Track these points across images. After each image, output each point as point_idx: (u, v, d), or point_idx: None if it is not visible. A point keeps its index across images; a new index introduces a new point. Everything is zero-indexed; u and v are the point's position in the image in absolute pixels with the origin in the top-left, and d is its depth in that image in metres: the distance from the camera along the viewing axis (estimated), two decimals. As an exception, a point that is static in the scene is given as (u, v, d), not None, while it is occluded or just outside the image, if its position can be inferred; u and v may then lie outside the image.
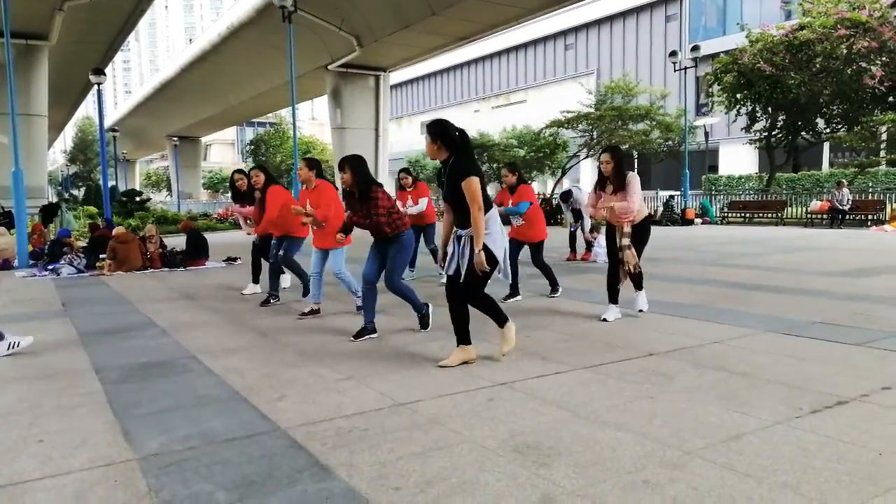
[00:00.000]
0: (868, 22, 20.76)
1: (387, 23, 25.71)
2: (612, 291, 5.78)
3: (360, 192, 5.15)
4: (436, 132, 4.19)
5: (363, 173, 5.21)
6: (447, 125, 4.23)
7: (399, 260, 5.19)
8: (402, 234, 5.18)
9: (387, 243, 5.18)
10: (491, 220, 4.18)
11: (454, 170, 4.15)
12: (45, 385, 4.07)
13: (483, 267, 4.08)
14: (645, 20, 44.91)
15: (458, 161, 4.16)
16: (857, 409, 3.27)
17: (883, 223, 17.16)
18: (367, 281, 5.23)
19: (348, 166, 5.18)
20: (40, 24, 21.87)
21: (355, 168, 5.18)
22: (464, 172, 4.09)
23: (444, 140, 4.18)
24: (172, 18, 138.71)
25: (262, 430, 3.16)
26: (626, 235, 5.59)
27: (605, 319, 5.65)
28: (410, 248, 5.34)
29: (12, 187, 12.21)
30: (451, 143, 4.17)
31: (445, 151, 4.20)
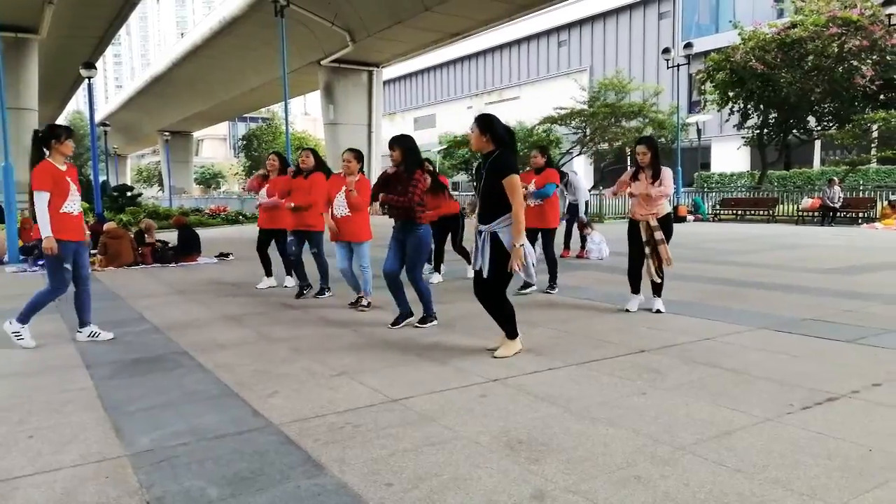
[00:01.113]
0: (859, 20, 20.86)
1: (380, 18, 25.64)
2: (633, 282, 5.89)
3: (407, 169, 5.19)
4: (484, 126, 4.30)
5: (415, 153, 5.29)
6: (495, 120, 4.34)
7: (419, 252, 5.27)
8: (422, 225, 5.26)
9: (406, 231, 5.23)
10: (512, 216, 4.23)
11: (497, 164, 4.24)
12: (35, 381, 4.05)
13: (521, 262, 4.14)
14: (638, 17, 44.95)
15: (502, 157, 4.26)
16: (847, 406, 3.29)
17: (874, 221, 17.26)
18: (388, 275, 5.30)
19: (398, 145, 5.24)
20: (30, 17, 21.68)
21: (406, 147, 5.24)
22: (508, 168, 4.19)
23: (492, 134, 4.28)
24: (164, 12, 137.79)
25: (253, 427, 3.15)
26: (656, 229, 5.65)
27: (629, 310, 5.79)
28: (428, 242, 5.41)
29: (2, 182, 12.10)
30: (499, 138, 4.28)
31: (492, 145, 4.30)
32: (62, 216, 4.79)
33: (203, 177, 73.22)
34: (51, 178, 4.73)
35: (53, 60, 28.73)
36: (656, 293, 5.86)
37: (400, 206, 5.18)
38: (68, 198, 4.84)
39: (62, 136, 4.86)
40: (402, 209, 5.20)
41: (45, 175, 4.73)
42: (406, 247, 5.28)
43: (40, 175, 4.72)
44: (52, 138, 4.83)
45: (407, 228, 5.25)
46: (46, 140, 4.84)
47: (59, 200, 4.78)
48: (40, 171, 4.74)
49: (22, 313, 4.96)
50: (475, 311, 4.44)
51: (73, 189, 4.89)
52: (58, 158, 4.88)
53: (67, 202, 4.84)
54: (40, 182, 4.71)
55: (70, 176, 4.92)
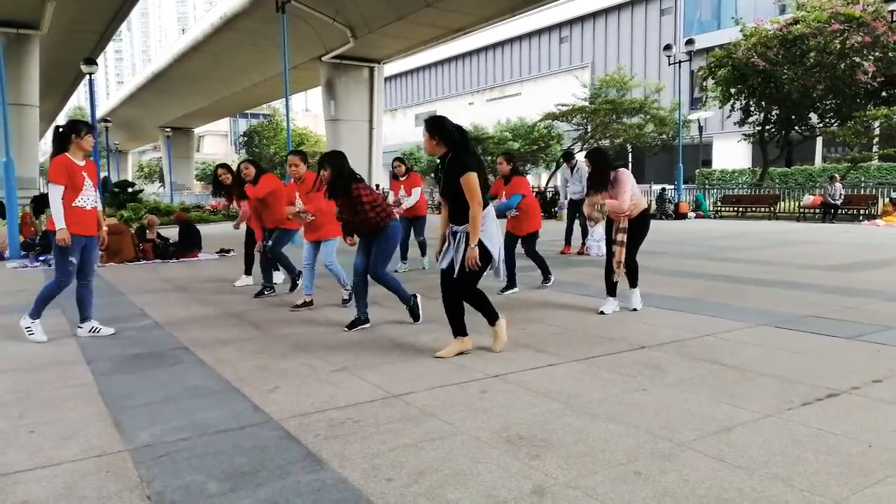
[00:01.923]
0: (862, 17, 20.79)
1: (381, 14, 25.57)
2: (609, 284, 5.79)
3: (340, 189, 5.11)
4: (433, 128, 4.21)
5: (343, 170, 5.16)
6: (444, 121, 4.26)
7: (384, 250, 5.18)
8: (388, 224, 5.17)
9: (373, 234, 5.17)
10: (487, 217, 4.20)
11: (452, 165, 4.16)
12: (36, 376, 4.05)
13: (476, 262, 4.09)
14: (640, 13, 44.84)
15: (456, 156, 4.18)
16: (847, 402, 3.29)
17: (875, 218, 17.24)
18: (359, 272, 5.24)
19: (328, 163, 5.15)
20: (31, 12, 21.65)
21: (335, 164, 5.15)
22: (463, 167, 4.10)
23: (441, 136, 4.20)
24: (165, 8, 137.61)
25: (254, 422, 3.15)
26: (621, 231, 5.61)
27: (603, 312, 5.66)
28: (396, 238, 5.33)
29: (4, 178, 12.11)
30: (449, 138, 4.19)
31: (443, 147, 4.22)
32: (74, 210, 4.85)
33: (204, 173, 73.18)
34: (66, 172, 4.80)
35: (54, 56, 28.70)
36: (632, 284, 5.79)
37: (359, 225, 5.13)
38: (82, 192, 4.90)
39: (82, 132, 4.94)
40: (361, 227, 5.14)
41: (61, 168, 4.79)
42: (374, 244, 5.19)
43: (56, 168, 4.80)
44: (73, 133, 4.90)
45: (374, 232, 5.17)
46: (67, 135, 4.91)
47: (72, 194, 4.85)
48: (57, 164, 4.82)
49: (33, 308, 5.03)
50: (474, 308, 4.43)
51: (89, 184, 4.96)
52: (77, 153, 4.94)
53: (81, 196, 4.89)
54: (55, 175, 4.79)
55: (87, 171, 4.98)
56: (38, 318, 5.04)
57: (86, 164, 4.99)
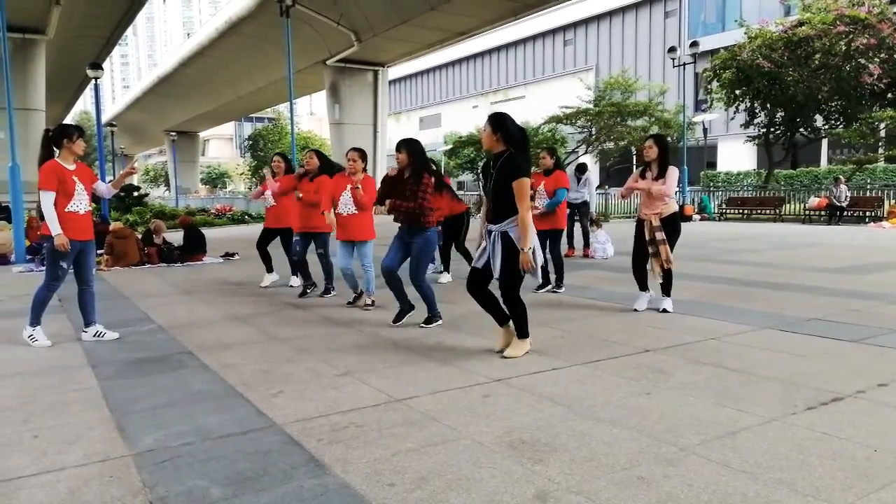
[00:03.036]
0: (867, 19, 20.74)
1: (385, 18, 25.63)
2: (639, 279, 5.86)
3: (414, 173, 5.19)
4: (497, 124, 4.23)
5: (422, 156, 5.29)
6: (509, 119, 4.28)
7: (424, 255, 5.28)
8: (431, 228, 5.27)
9: (413, 234, 5.23)
10: None
11: (507, 165, 4.17)
12: (40, 380, 4.06)
13: (529, 265, 4.13)
14: (644, 16, 44.84)
15: (513, 158, 4.19)
16: (852, 406, 3.27)
17: (881, 220, 17.16)
18: (387, 271, 5.30)
19: (406, 148, 5.25)
20: (37, 17, 21.77)
21: (413, 150, 5.25)
22: (518, 171, 4.13)
23: (503, 133, 4.22)
24: (170, 13, 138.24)
25: (257, 426, 3.16)
26: (658, 229, 5.62)
27: (637, 309, 5.76)
28: (434, 245, 5.42)
29: (9, 182, 12.16)
30: (510, 137, 4.21)
31: (502, 145, 4.24)
32: (67, 215, 4.83)
33: (209, 176, 73.46)
34: (56, 178, 4.77)
35: (60, 61, 28.85)
36: (665, 292, 5.82)
37: (408, 211, 5.17)
38: (74, 197, 4.86)
39: (74, 136, 4.91)
40: (410, 214, 5.19)
41: (51, 174, 4.76)
42: (411, 248, 5.27)
43: (46, 174, 4.77)
44: (64, 137, 4.87)
45: (414, 231, 5.25)
46: (58, 139, 4.88)
47: (64, 200, 4.82)
48: (46, 170, 4.78)
49: (31, 316, 5.03)
50: (479, 311, 4.44)
51: (81, 189, 4.91)
52: (67, 158, 4.91)
53: (73, 202, 4.86)
54: (46, 181, 4.76)
55: (79, 175, 4.93)
56: (39, 324, 5.04)
57: (77, 168, 4.95)
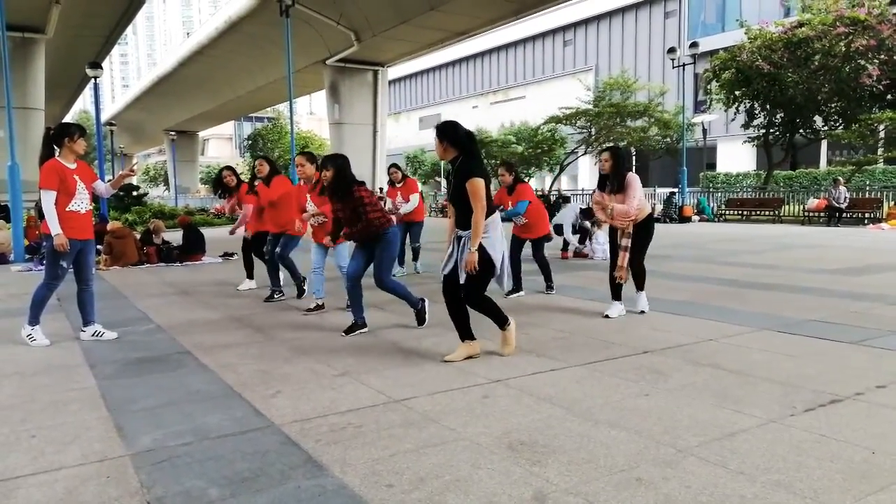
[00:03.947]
0: (867, 20, 20.74)
1: (385, 17, 25.63)
2: (614, 288, 5.79)
3: (342, 190, 5.10)
4: (443, 132, 4.25)
5: (346, 171, 5.17)
6: (455, 126, 4.29)
7: (387, 257, 5.17)
8: (387, 230, 5.16)
9: (373, 241, 5.15)
10: (491, 224, 4.20)
11: (460, 170, 4.19)
12: (38, 380, 4.06)
13: (473, 266, 4.11)
14: (644, 16, 44.82)
15: (464, 162, 4.21)
16: (851, 408, 3.27)
17: (880, 221, 17.18)
18: (352, 278, 5.22)
19: (330, 165, 5.13)
20: (37, 16, 21.77)
21: (337, 166, 5.13)
22: (468, 173, 4.13)
23: (451, 140, 4.22)
24: (170, 12, 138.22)
25: (255, 427, 3.15)
26: (626, 235, 5.61)
27: (608, 316, 5.67)
28: (396, 244, 5.33)
29: (8, 181, 12.16)
30: (458, 143, 4.22)
31: (453, 151, 4.24)
32: (68, 214, 4.83)
33: (209, 176, 73.35)
34: (57, 177, 4.77)
35: (60, 60, 28.83)
36: (639, 287, 5.79)
37: (361, 233, 5.10)
38: (75, 196, 4.86)
39: (75, 135, 4.90)
40: (364, 234, 5.11)
41: (52, 173, 4.76)
42: (374, 251, 5.16)
43: (47, 174, 4.77)
44: (65, 136, 4.87)
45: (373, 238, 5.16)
46: (59, 138, 4.88)
47: (65, 199, 4.82)
48: (47, 169, 4.78)
49: (30, 315, 5.02)
50: (476, 312, 4.43)
51: (81, 188, 4.91)
52: (68, 157, 4.91)
53: (74, 201, 4.86)
54: (47, 181, 4.75)
55: (80, 174, 4.93)
56: (38, 323, 5.04)
57: (78, 167, 4.95)
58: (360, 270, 5.24)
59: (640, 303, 5.82)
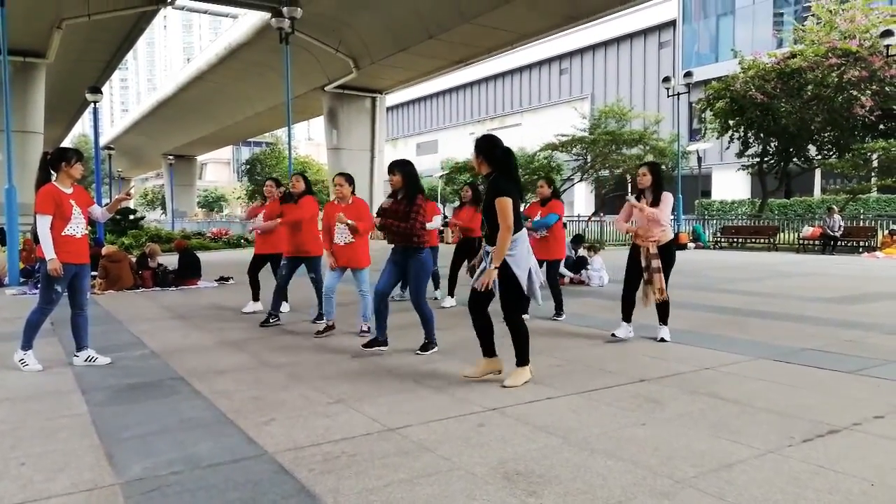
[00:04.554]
0: (858, 52, 21.07)
1: (384, 45, 25.95)
2: (626, 309, 5.81)
3: (407, 195, 5.21)
4: (480, 147, 4.34)
5: (415, 179, 5.32)
6: (494, 141, 4.36)
7: (422, 278, 5.27)
8: (424, 249, 5.26)
9: (407, 256, 5.22)
10: (518, 241, 4.23)
11: (491, 186, 4.26)
12: (30, 406, 4.01)
13: (488, 282, 4.15)
14: (639, 46, 45.50)
15: (497, 179, 4.27)
16: (849, 439, 3.25)
17: (875, 249, 17.25)
18: (380, 294, 5.30)
19: (398, 170, 5.27)
20: (38, 41, 21.99)
21: (406, 172, 5.27)
22: (500, 191, 4.18)
23: (486, 156, 4.30)
24: (171, 38, 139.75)
25: (248, 455, 3.11)
26: (654, 257, 5.57)
27: (615, 336, 5.72)
28: (430, 267, 5.43)
29: (5, 204, 12.15)
30: (494, 159, 4.29)
31: (487, 167, 4.31)
32: (64, 239, 4.83)
33: (206, 200, 73.57)
34: (53, 202, 4.78)
35: (60, 84, 29.05)
36: (662, 321, 5.79)
37: (401, 231, 5.18)
38: (71, 221, 4.87)
39: (72, 160, 4.93)
40: (402, 234, 5.20)
41: (48, 198, 4.77)
42: (406, 271, 5.27)
43: (43, 198, 4.77)
44: (62, 161, 4.89)
45: (407, 253, 5.25)
46: (56, 163, 4.90)
47: (61, 223, 4.82)
48: (44, 194, 4.79)
49: (23, 340, 4.99)
50: (475, 338, 4.41)
51: (77, 212, 4.92)
52: (65, 181, 4.92)
53: (70, 225, 4.87)
54: (43, 205, 4.76)
55: (76, 198, 4.94)
56: (30, 348, 5.00)
57: (74, 192, 4.96)
58: (389, 287, 5.31)
59: (661, 332, 5.78)
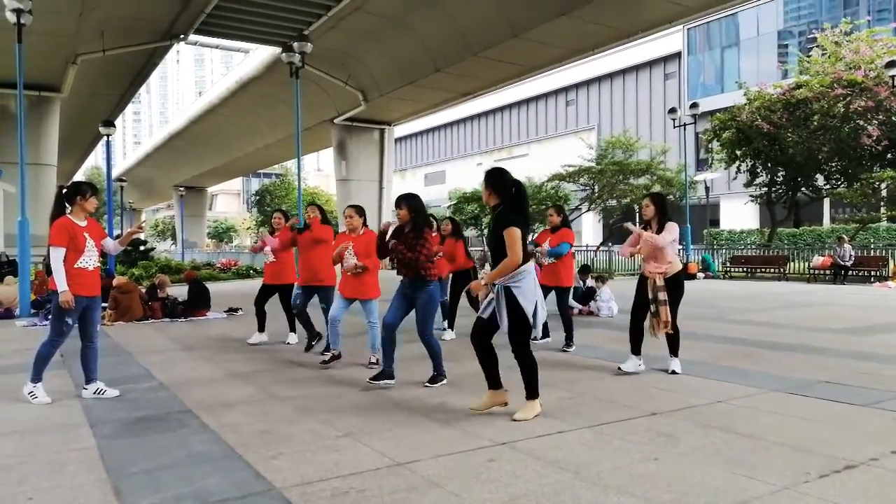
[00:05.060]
0: (864, 82, 21.18)
1: (392, 79, 26.31)
2: (634, 342, 5.74)
3: (415, 228, 5.23)
4: (489, 179, 4.40)
5: (422, 212, 5.36)
6: (503, 174, 4.43)
7: (429, 310, 5.25)
8: (432, 282, 5.25)
9: (415, 288, 5.22)
10: (524, 274, 4.23)
11: (499, 218, 4.30)
12: (38, 439, 4.00)
13: (478, 289, 4.26)
14: (644, 77, 45.94)
15: (505, 210, 4.32)
16: (866, 474, 3.19)
17: (886, 279, 17.10)
18: (389, 327, 5.28)
19: (405, 203, 5.30)
20: (54, 76, 22.40)
21: (413, 206, 5.30)
22: (508, 222, 4.22)
23: (495, 188, 4.36)
24: (184, 72, 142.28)
25: (256, 490, 3.08)
26: (661, 289, 5.53)
27: (622, 369, 5.65)
28: (438, 299, 5.40)
29: (18, 236, 12.27)
30: (502, 191, 4.35)
31: (496, 198, 4.36)
32: (76, 271, 4.89)
33: (216, 231, 74.07)
34: (67, 234, 4.86)
35: (74, 117, 29.52)
36: (672, 353, 5.73)
37: (408, 262, 5.18)
38: (84, 254, 4.94)
39: (87, 193, 5.03)
40: (410, 265, 5.20)
41: (63, 231, 4.85)
42: (414, 303, 5.26)
43: (58, 230, 4.86)
44: (78, 195, 4.99)
45: (416, 286, 5.25)
46: (71, 197, 4.99)
47: (74, 256, 4.89)
48: (59, 226, 4.88)
49: (32, 372, 5.00)
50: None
51: (91, 245, 4.99)
52: (79, 214, 5.01)
53: (83, 258, 4.93)
54: (57, 238, 4.83)
55: (90, 231, 5.02)
56: (40, 380, 5.01)
57: (88, 225, 5.04)
58: (397, 320, 5.29)
59: (672, 365, 5.73)
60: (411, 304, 5.30)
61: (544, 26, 20.03)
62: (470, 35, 21.86)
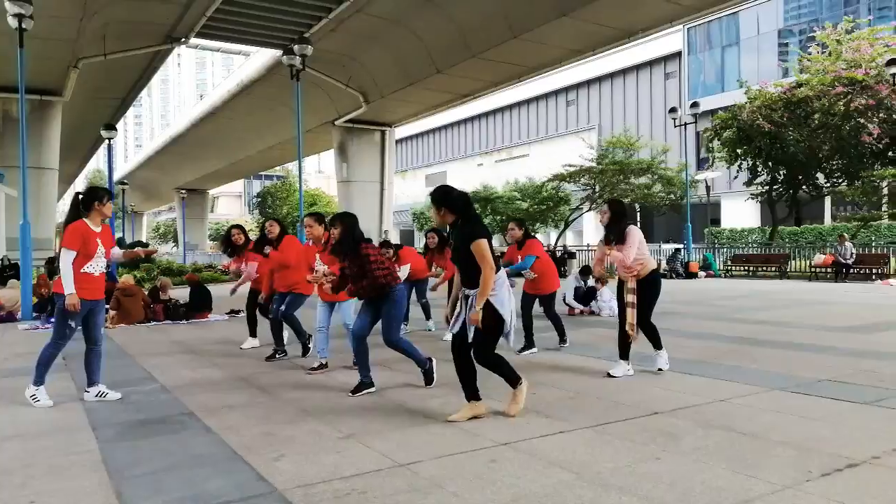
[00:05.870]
0: (864, 80, 21.17)
1: (393, 80, 26.34)
2: (623, 347, 5.72)
3: (349, 248, 5.14)
4: (437, 200, 4.33)
5: (354, 230, 5.23)
6: (448, 190, 4.37)
7: (394, 315, 5.16)
8: (393, 288, 5.16)
9: (379, 298, 5.15)
10: (498, 282, 4.22)
11: (461, 233, 4.26)
12: (40, 442, 4.01)
13: (476, 322, 4.14)
14: (645, 77, 45.93)
15: (464, 224, 4.28)
16: (868, 473, 3.19)
17: (888, 277, 17.08)
18: (358, 336, 5.20)
19: (339, 222, 5.23)
20: (55, 80, 22.46)
21: (346, 224, 5.21)
22: (471, 235, 4.18)
23: (448, 206, 4.30)
24: (185, 75, 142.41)
25: (258, 492, 3.09)
26: (630, 291, 5.56)
27: (611, 375, 5.59)
28: (403, 303, 5.34)
29: (19, 239, 12.30)
30: (455, 207, 4.30)
31: (451, 216, 4.31)
32: (82, 276, 4.90)
33: (217, 233, 74.13)
34: (81, 238, 4.88)
35: (76, 121, 29.58)
36: (655, 346, 5.72)
37: (369, 288, 5.10)
38: (93, 259, 4.96)
39: (104, 199, 5.07)
40: (370, 290, 5.12)
41: (77, 235, 4.87)
42: (380, 310, 5.15)
43: (72, 234, 4.87)
44: (95, 200, 5.01)
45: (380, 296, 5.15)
46: (89, 202, 5.00)
47: (83, 260, 4.92)
48: (73, 230, 4.89)
49: (35, 375, 5.01)
50: (484, 372, 4.39)
51: (101, 251, 5.01)
52: (95, 219, 5.03)
53: (91, 263, 4.95)
54: (70, 241, 4.85)
55: (102, 237, 5.04)
56: (42, 383, 5.02)
57: (102, 231, 5.06)
58: (367, 329, 5.21)
59: (658, 361, 5.73)
60: (378, 312, 5.18)
61: (544, 27, 20.06)
62: (470, 36, 21.88)
